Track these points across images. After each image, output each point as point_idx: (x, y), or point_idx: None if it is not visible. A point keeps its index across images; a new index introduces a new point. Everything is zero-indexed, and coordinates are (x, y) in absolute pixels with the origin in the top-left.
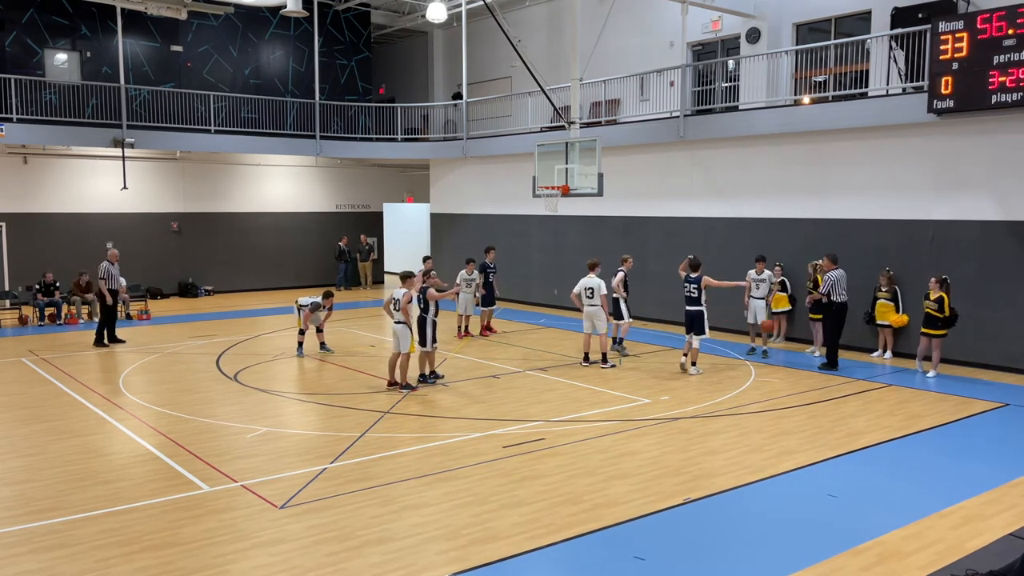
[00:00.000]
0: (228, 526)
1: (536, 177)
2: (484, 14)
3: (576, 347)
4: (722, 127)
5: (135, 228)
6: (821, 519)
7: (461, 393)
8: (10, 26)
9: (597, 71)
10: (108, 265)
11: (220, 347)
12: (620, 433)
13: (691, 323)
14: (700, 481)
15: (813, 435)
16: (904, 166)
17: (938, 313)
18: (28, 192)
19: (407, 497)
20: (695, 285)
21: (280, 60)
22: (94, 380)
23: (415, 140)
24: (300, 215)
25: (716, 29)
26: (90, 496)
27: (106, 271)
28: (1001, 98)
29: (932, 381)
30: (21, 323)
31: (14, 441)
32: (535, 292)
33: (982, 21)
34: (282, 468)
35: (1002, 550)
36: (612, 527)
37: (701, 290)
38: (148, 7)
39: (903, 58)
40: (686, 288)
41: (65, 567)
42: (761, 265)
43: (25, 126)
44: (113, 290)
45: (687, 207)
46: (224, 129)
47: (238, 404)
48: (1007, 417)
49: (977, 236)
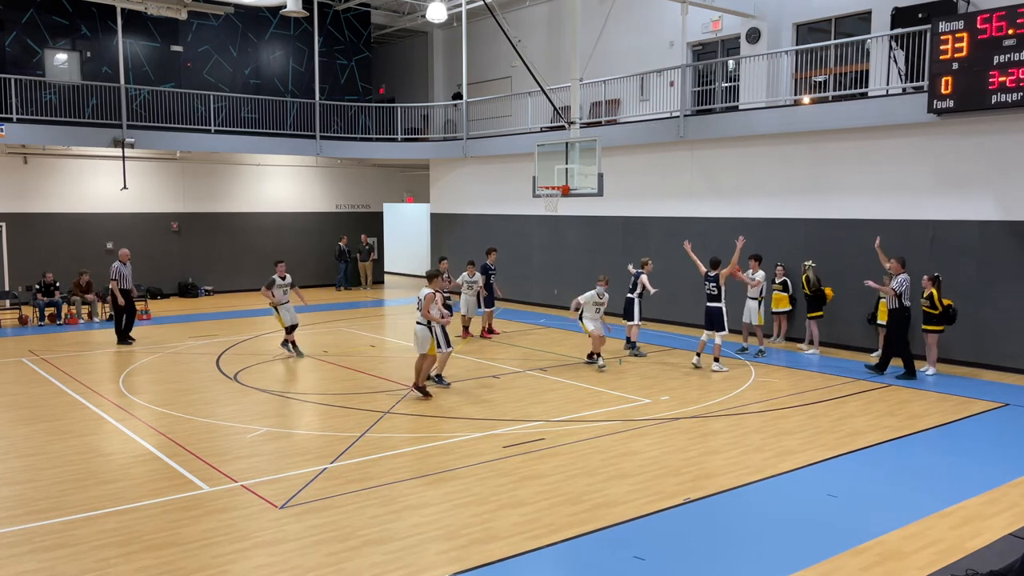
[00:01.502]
0: (228, 526)
1: (536, 177)
2: (484, 14)
3: (575, 347)
4: (722, 127)
5: (135, 228)
6: (821, 519)
7: (461, 393)
8: (10, 26)
9: (597, 71)
10: (119, 265)
11: (220, 347)
12: (620, 433)
13: (711, 320)
14: (700, 481)
15: (813, 435)
16: (904, 166)
17: (932, 309)
18: (28, 192)
19: (407, 497)
20: (714, 283)
21: (280, 60)
22: (94, 380)
23: (415, 140)
24: (300, 215)
25: (716, 29)
26: (90, 496)
27: (117, 271)
28: (1001, 98)
29: (931, 380)
30: (21, 323)
31: (14, 441)
32: (535, 292)
33: (982, 21)
34: (282, 468)
35: (1002, 550)
36: (612, 527)
37: (721, 287)
38: (148, 7)
39: (903, 58)
40: (707, 286)
41: (65, 567)
42: (755, 264)
43: (25, 126)
44: (126, 290)
45: (687, 207)
46: (224, 129)
47: (238, 404)
48: (1007, 417)
49: (977, 236)
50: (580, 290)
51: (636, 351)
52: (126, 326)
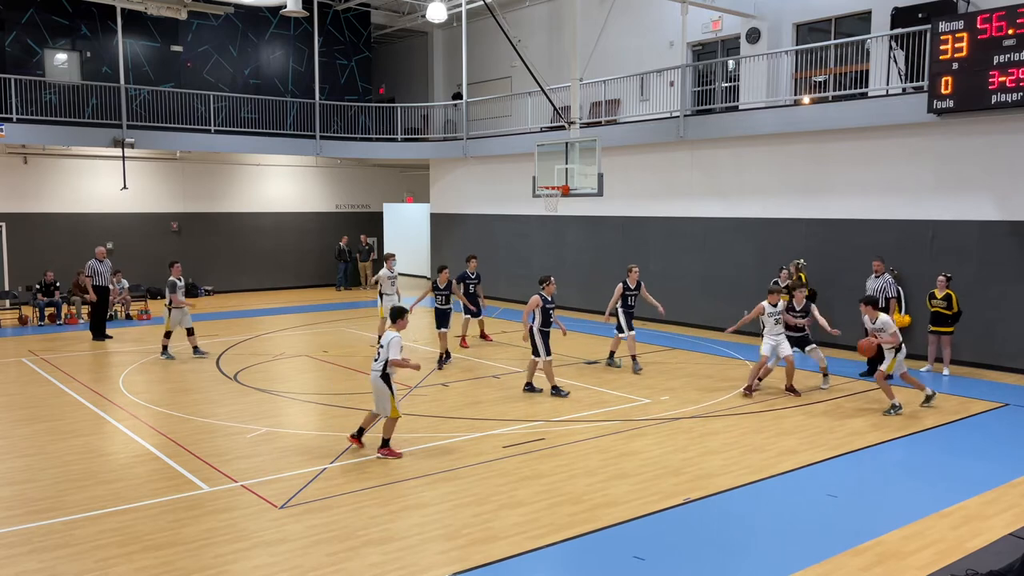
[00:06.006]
0: (228, 526)
1: (536, 177)
2: (484, 14)
3: (575, 347)
4: (722, 127)
5: (135, 228)
6: (821, 519)
7: (461, 393)
8: (10, 26)
9: (597, 71)
10: (95, 262)
11: (220, 347)
12: (620, 433)
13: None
14: (700, 481)
15: (813, 435)
16: (904, 166)
17: (947, 311)
18: (28, 192)
19: (407, 497)
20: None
21: (280, 60)
22: (94, 380)
23: (415, 140)
24: (300, 215)
25: (716, 29)
26: (90, 496)
27: (91, 268)
28: (1001, 98)
29: (945, 379)
30: (21, 323)
31: (14, 441)
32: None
33: (982, 21)
34: (282, 468)
35: (1002, 550)
36: (612, 527)
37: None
38: (148, 7)
39: (903, 58)
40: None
41: (65, 567)
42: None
43: (25, 126)
44: (101, 287)
45: (687, 207)
46: (224, 129)
47: (238, 404)
48: (1007, 417)
49: (977, 236)
50: (580, 290)
51: (612, 361)
52: (98, 322)
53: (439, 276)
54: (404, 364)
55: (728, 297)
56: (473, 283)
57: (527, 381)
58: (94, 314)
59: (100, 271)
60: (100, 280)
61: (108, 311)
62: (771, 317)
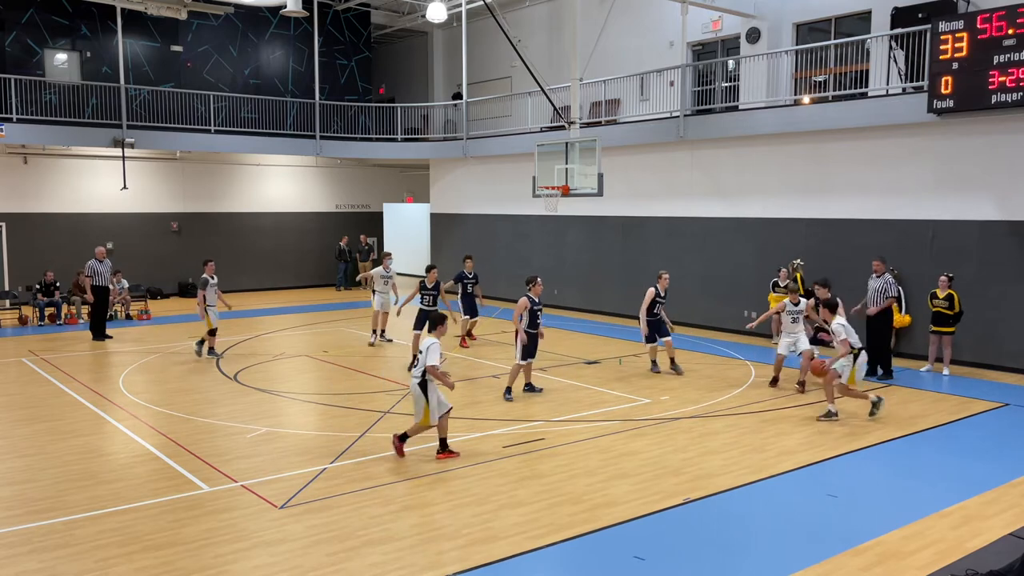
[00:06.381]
0: (228, 526)
1: (536, 177)
2: (484, 14)
3: (575, 347)
4: (722, 127)
5: (135, 228)
6: (821, 519)
7: (462, 393)
8: (10, 26)
9: (597, 71)
10: (94, 262)
11: (220, 347)
12: (620, 433)
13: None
14: (700, 481)
15: (813, 435)
16: (904, 166)
17: (949, 311)
18: (28, 192)
19: (407, 497)
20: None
21: (280, 60)
22: (94, 380)
23: (415, 140)
24: (300, 215)
25: (716, 29)
26: (90, 496)
27: (91, 268)
28: (1001, 98)
29: (945, 379)
30: (21, 323)
31: (14, 441)
32: None
33: (982, 21)
34: (282, 468)
35: (1002, 550)
36: (612, 527)
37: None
38: (148, 7)
39: (903, 58)
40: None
41: (65, 567)
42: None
43: (25, 126)
44: (101, 287)
45: (687, 207)
46: (224, 129)
47: (238, 404)
48: (1007, 417)
49: (977, 236)
50: (580, 290)
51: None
52: (98, 322)
53: (427, 276)
54: (443, 379)
55: (728, 297)
56: (471, 283)
57: (526, 381)
58: (94, 314)
59: (100, 271)
60: (100, 280)
61: (108, 311)
62: (789, 315)
